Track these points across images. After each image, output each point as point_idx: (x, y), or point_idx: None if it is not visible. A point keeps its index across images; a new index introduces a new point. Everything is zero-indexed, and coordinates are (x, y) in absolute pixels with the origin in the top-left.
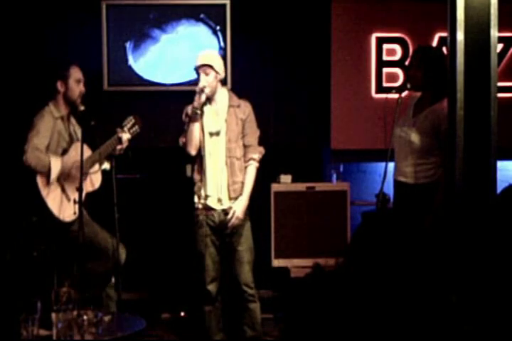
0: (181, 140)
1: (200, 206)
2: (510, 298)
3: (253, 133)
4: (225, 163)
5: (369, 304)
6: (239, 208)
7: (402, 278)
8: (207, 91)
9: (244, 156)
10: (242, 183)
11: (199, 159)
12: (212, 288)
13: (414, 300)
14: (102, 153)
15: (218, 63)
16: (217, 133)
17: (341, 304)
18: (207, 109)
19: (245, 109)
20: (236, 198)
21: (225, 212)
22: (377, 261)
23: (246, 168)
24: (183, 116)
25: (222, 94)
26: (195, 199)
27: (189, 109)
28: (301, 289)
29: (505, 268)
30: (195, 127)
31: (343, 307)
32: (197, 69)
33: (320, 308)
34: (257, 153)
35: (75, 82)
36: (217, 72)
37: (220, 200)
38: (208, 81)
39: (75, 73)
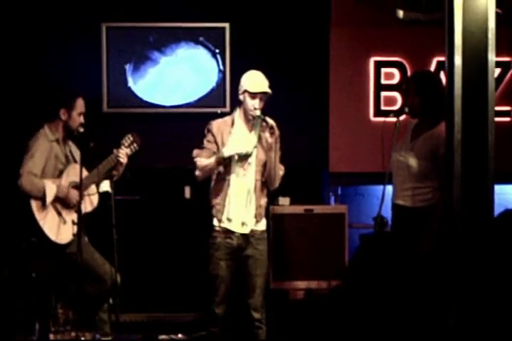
0: (196, 161)
1: (218, 229)
2: (507, 321)
3: (277, 154)
4: (254, 186)
5: (366, 326)
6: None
7: (399, 302)
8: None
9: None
10: (264, 206)
11: (221, 182)
12: (219, 310)
13: (412, 323)
14: (99, 172)
15: None
16: (248, 156)
17: (337, 327)
18: (238, 134)
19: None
20: (260, 221)
21: (244, 235)
22: (375, 284)
23: None
24: (206, 131)
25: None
26: (214, 222)
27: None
28: (295, 313)
29: (502, 290)
30: (220, 168)
31: (339, 330)
32: (252, 92)
33: (315, 332)
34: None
35: (77, 114)
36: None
37: (243, 224)
38: (260, 107)
39: (80, 106)
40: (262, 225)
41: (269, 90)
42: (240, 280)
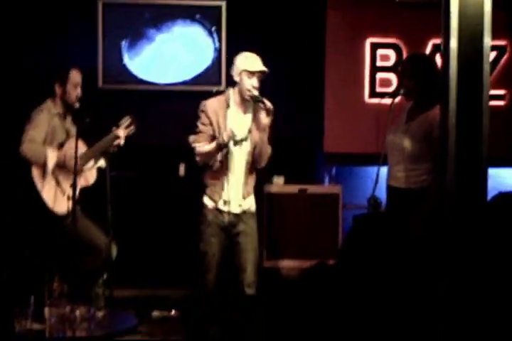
0: (195, 147)
1: (210, 207)
2: (499, 301)
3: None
4: (246, 167)
5: (359, 306)
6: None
7: (391, 281)
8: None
9: None
10: (252, 184)
11: (215, 163)
12: (211, 285)
13: (404, 303)
14: (97, 149)
15: None
16: (241, 141)
17: (329, 306)
18: (233, 117)
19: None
20: (247, 198)
21: (236, 213)
22: (367, 264)
23: None
24: (200, 111)
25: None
26: (206, 201)
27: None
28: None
29: (494, 272)
30: (218, 154)
31: (333, 309)
32: (249, 72)
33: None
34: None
35: (73, 87)
36: None
37: (239, 205)
38: (257, 87)
39: (74, 77)
40: (252, 204)
41: (266, 69)
42: (232, 258)
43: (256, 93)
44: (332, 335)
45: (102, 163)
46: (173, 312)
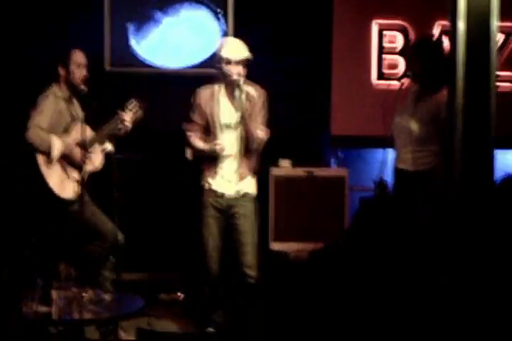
0: (189, 136)
1: (207, 188)
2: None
3: (262, 118)
4: (239, 152)
5: (364, 287)
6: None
7: (397, 263)
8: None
9: None
10: (249, 167)
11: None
12: (213, 269)
13: (409, 284)
14: (103, 133)
15: None
16: (233, 125)
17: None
18: (223, 100)
19: (258, 98)
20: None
21: (233, 196)
22: (374, 246)
23: None
24: (192, 100)
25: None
26: (204, 184)
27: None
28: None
29: (502, 256)
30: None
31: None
32: (234, 60)
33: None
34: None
35: (76, 67)
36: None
37: (237, 190)
38: (243, 75)
39: (76, 58)
40: (251, 187)
41: (250, 55)
42: (231, 240)
43: (241, 81)
44: (337, 319)
45: (108, 146)
46: (179, 294)
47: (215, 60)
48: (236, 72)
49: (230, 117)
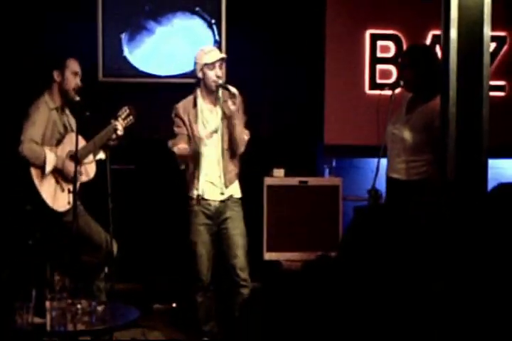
0: (178, 146)
1: (195, 196)
2: (500, 292)
3: (241, 120)
4: (222, 156)
5: (359, 297)
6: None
7: (393, 273)
8: (222, 83)
9: None
10: (234, 171)
11: (193, 158)
12: (205, 277)
13: (406, 294)
14: (96, 143)
15: None
16: (216, 131)
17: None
18: (204, 108)
19: (238, 97)
20: (229, 186)
21: (221, 201)
22: (369, 256)
23: None
24: (173, 115)
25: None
26: (190, 192)
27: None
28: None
29: (494, 263)
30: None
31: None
32: (209, 64)
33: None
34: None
35: (72, 74)
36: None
37: (221, 193)
38: (222, 75)
39: (72, 65)
40: (237, 191)
41: (224, 55)
42: (221, 245)
43: (221, 81)
44: (332, 328)
45: (101, 155)
46: (174, 305)
47: (195, 72)
48: (214, 74)
49: (211, 122)
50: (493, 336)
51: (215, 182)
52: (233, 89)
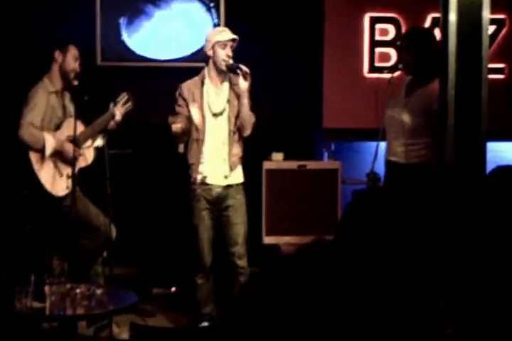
0: (173, 125)
1: (197, 181)
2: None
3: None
4: (228, 138)
5: (355, 281)
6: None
7: (390, 257)
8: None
9: None
10: (238, 155)
11: (195, 140)
12: (206, 259)
13: (402, 279)
14: (95, 128)
15: None
16: (221, 113)
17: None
18: (210, 89)
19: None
20: (234, 170)
21: (223, 187)
22: (366, 240)
23: None
24: (177, 94)
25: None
26: (193, 175)
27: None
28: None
29: (493, 248)
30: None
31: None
32: (221, 42)
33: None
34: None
35: (72, 57)
36: None
37: (225, 176)
38: (231, 56)
39: (74, 51)
40: (240, 178)
41: (236, 36)
42: (221, 231)
43: (231, 62)
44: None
45: (99, 141)
46: (173, 289)
47: (204, 49)
48: (224, 53)
49: (217, 103)
50: (491, 323)
51: (219, 165)
52: (245, 68)
